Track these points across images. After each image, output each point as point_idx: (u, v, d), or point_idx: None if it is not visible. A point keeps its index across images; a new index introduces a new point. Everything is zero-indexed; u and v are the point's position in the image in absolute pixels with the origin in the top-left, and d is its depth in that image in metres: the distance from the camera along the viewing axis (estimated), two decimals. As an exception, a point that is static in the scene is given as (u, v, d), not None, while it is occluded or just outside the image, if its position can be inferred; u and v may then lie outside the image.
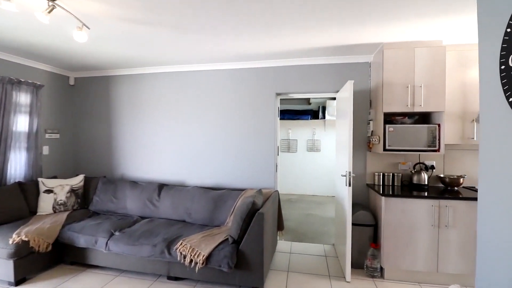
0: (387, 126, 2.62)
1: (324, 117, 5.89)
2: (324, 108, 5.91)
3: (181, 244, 2.32)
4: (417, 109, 2.54)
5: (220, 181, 3.38)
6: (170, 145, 3.52)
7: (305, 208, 5.02)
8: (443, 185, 2.80)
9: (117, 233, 2.58)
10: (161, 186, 3.23)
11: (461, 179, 2.66)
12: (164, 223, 2.83)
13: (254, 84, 3.28)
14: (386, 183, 2.89)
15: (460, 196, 2.38)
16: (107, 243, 2.48)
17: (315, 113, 6.09)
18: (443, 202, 2.37)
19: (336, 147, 3.17)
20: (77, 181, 3.29)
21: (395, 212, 2.45)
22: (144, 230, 2.60)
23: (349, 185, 2.42)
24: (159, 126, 3.55)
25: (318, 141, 6.17)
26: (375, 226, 2.65)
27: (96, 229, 2.62)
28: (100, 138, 3.75)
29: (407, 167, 2.93)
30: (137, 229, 2.65)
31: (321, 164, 6.15)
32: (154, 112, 3.56)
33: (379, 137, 2.67)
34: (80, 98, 3.83)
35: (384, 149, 2.61)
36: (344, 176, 2.53)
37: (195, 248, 2.26)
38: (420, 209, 2.41)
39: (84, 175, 3.43)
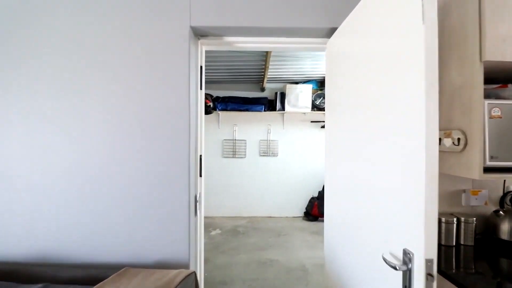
0: (486, 103, 0.95)
1: (283, 108, 4.21)
2: (283, 96, 4.22)
3: None
4: None
5: (53, 245, 1.32)
6: None
7: (259, 247, 3.22)
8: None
9: None
10: None
11: None
12: None
13: (138, 3, 1.33)
14: (444, 241, 1.25)
15: None
16: None
17: (270, 102, 4.36)
18: None
19: (326, 164, 1.43)
20: None
21: None
22: None
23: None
24: None
25: (274, 142, 4.46)
26: None
27: None
28: None
29: (481, 200, 1.35)
30: None
31: (279, 173, 4.46)
32: None
33: (465, 135, 0.99)
34: None
35: (486, 169, 0.93)
36: (393, 266, 0.76)
37: None
38: None
39: None
